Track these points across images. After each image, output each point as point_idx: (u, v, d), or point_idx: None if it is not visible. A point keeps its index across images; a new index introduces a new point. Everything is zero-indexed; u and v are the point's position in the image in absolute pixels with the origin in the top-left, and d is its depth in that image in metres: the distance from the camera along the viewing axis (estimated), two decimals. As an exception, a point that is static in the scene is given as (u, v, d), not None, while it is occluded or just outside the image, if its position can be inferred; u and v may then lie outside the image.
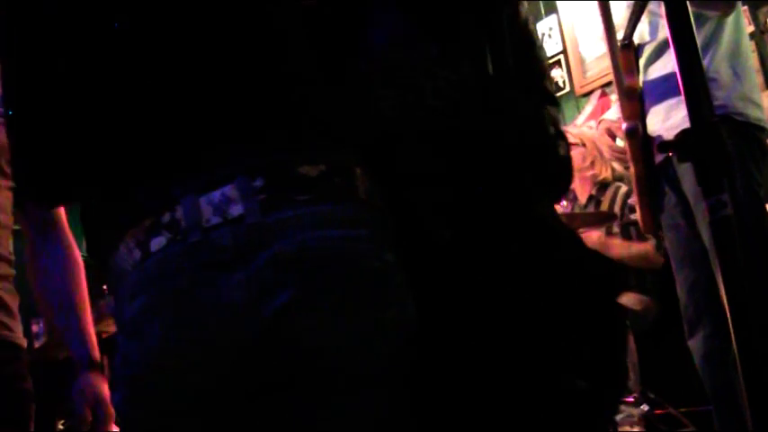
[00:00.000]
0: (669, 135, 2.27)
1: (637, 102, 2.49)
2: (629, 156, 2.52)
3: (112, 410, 1.39)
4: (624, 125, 2.49)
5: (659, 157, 2.41)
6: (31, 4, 0.88)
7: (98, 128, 0.88)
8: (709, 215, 0.92)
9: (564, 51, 4.75)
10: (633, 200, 3.43)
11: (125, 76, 0.87)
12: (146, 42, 0.87)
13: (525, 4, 1.25)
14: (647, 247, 3.34)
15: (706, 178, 0.89)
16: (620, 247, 3.34)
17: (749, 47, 2.46)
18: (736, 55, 2.31)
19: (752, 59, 2.44)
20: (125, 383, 0.86)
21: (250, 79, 0.87)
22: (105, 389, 1.44)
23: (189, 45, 0.87)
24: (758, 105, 2.32)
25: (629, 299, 3.30)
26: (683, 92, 0.93)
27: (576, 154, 3.50)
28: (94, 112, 0.88)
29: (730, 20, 2.31)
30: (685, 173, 2.26)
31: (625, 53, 2.53)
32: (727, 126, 2.15)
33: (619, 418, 2.95)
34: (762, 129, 2.30)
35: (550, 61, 4.80)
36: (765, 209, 2.37)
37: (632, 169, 2.54)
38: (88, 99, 0.88)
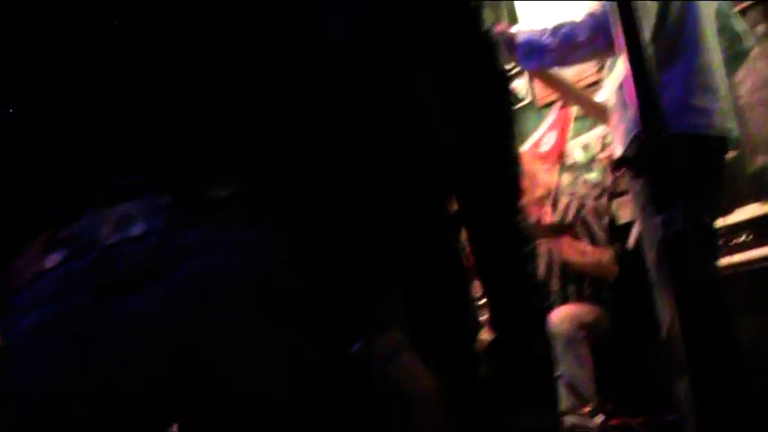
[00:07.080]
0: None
1: None
2: None
3: None
4: None
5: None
6: None
7: (8, 126, 0.84)
8: (662, 230, 0.91)
9: (526, 62, 4.78)
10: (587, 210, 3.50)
11: (45, 78, 0.83)
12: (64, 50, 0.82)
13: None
14: (603, 255, 3.41)
15: (658, 194, 0.88)
16: (576, 253, 3.41)
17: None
18: None
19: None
20: (10, 408, 0.79)
21: (163, 97, 0.82)
22: None
23: (104, 55, 0.82)
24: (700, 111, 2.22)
25: (582, 310, 3.33)
26: (636, 106, 0.91)
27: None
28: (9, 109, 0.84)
29: None
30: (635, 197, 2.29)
31: None
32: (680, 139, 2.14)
33: (575, 429, 2.97)
34: (719, 139, 2.23)
35: (512, 72, 4.84)
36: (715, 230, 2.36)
37: None
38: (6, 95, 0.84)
